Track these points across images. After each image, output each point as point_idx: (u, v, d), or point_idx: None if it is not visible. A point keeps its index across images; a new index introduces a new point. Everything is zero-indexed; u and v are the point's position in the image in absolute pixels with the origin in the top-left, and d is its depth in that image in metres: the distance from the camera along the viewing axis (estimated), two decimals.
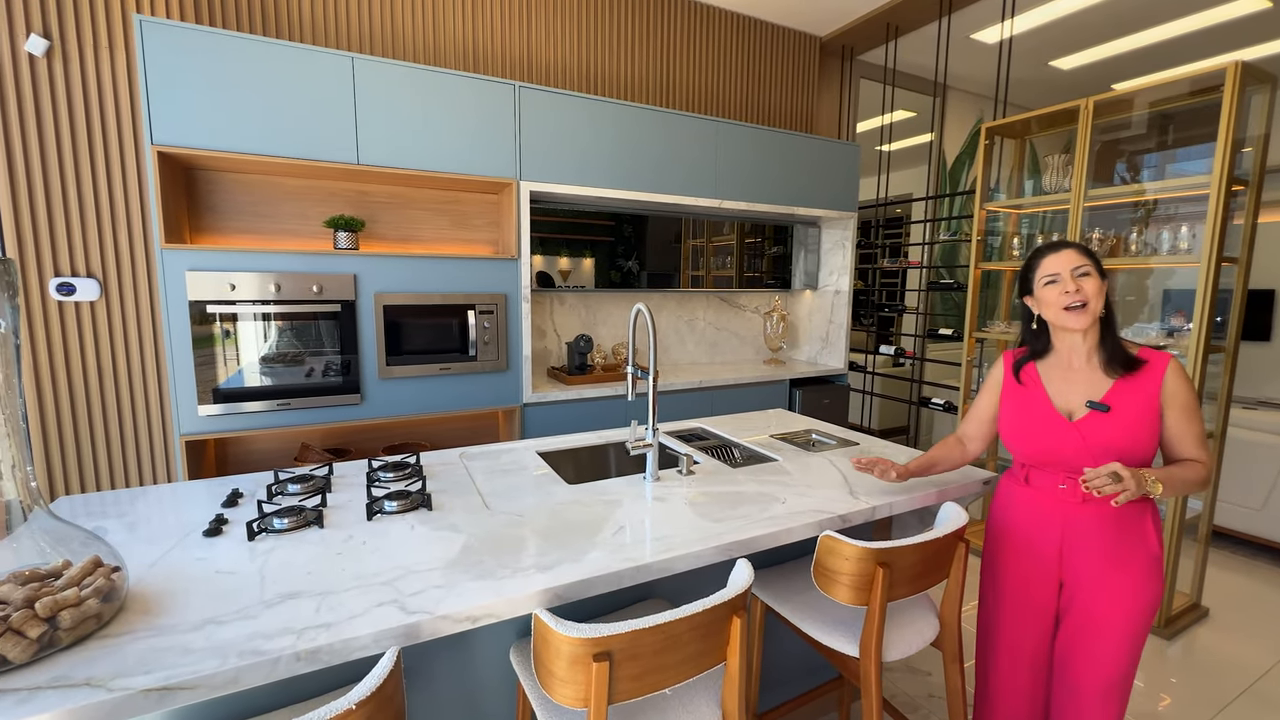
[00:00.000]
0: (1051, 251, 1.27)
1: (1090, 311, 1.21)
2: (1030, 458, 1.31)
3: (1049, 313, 1.27)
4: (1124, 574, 1.23)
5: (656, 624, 0.89)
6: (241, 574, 1.00)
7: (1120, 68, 4.14)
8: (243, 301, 2.04)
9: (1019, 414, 1.33)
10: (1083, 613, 1.27)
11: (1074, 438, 1.23)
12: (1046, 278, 1.26)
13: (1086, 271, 1.22)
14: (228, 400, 2.05)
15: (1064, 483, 1.27)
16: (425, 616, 0.88)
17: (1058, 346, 1.31)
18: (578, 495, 1.40)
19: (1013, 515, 1.37)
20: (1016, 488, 1.37)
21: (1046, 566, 1.31)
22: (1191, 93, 2.40)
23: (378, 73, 2.15)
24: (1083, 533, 1.26)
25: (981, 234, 2.90)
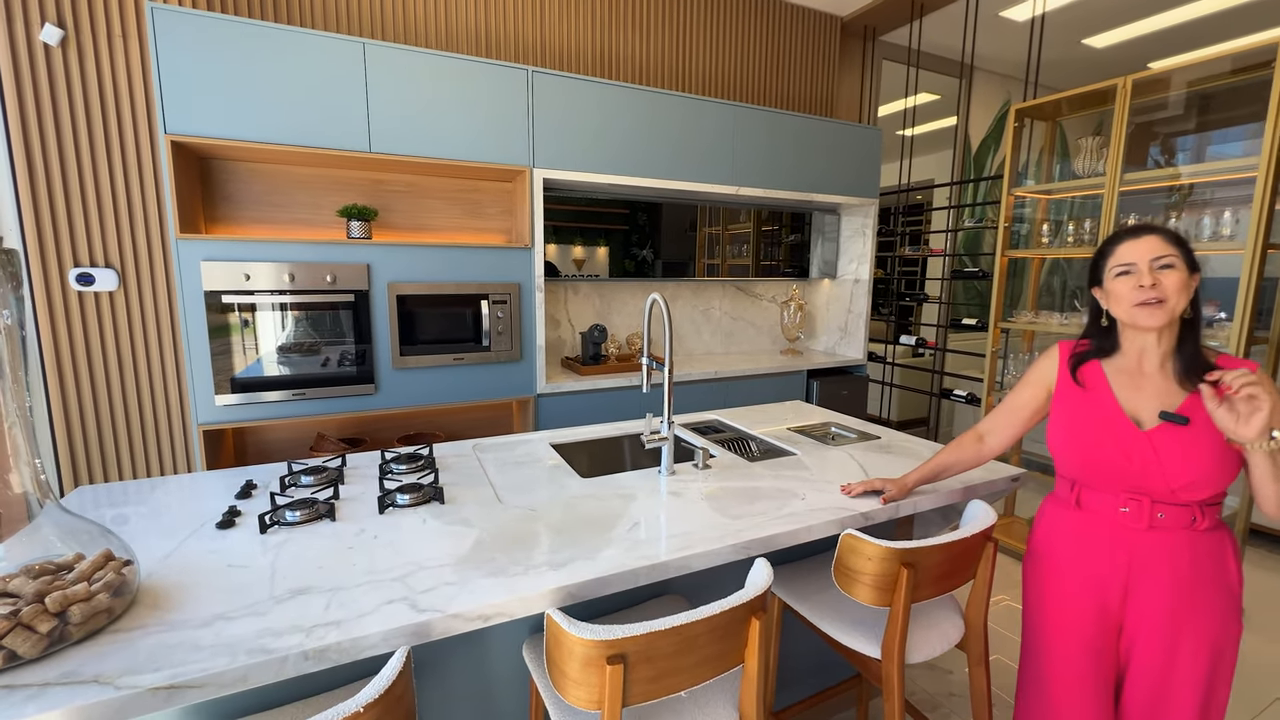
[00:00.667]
0: (1129, 237, 1.08)
1: (1168, 310, 1.03)
2: (1086, 472, 1.13)
3: (1119, 309, 1.09)
4: (1201, 618, 1.05)
5: (673, 626, 0.86)
6: (253, 568, 0.99)
7: (1157, 45, 3.96)
8: (257, 292, 2.04)
9: (1076, 418, 1.15)
10: (1155, 664, 1.07)
11: (1144, 449, 1.05)
12: (1119, 267, 1.08)
13: (1170, 263, 1.03)
14: (244, 390, 2.06)
15: (1127, 505, 1.08)
16: (436, 615, 0.87)
17: (1126, 348, 1.13)
18: (591, 489, 1.38)
19: (1060, 546, 1.18)
20: (1065, 512, 1.18)
21: (1107, 608, 1.11)
22: (1235, 70, 2.28)
23: (389, 59, 2.12)
24: (1152, 566, 1.07)
25: (1009, 220, 2.80)
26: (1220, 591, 1.06)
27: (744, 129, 2.89)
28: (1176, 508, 1.05)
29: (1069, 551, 1.17)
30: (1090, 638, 1.13)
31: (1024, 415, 1.27)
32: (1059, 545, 1.19)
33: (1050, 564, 1.20)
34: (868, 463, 1.59)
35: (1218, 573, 1.06)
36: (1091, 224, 2.55)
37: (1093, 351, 1.18)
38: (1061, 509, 1.20)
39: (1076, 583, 1.15)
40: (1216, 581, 1.06)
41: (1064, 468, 1.18)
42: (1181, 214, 2.44)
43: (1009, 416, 1.29)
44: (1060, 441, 1.17)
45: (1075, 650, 1.15)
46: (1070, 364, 1.20)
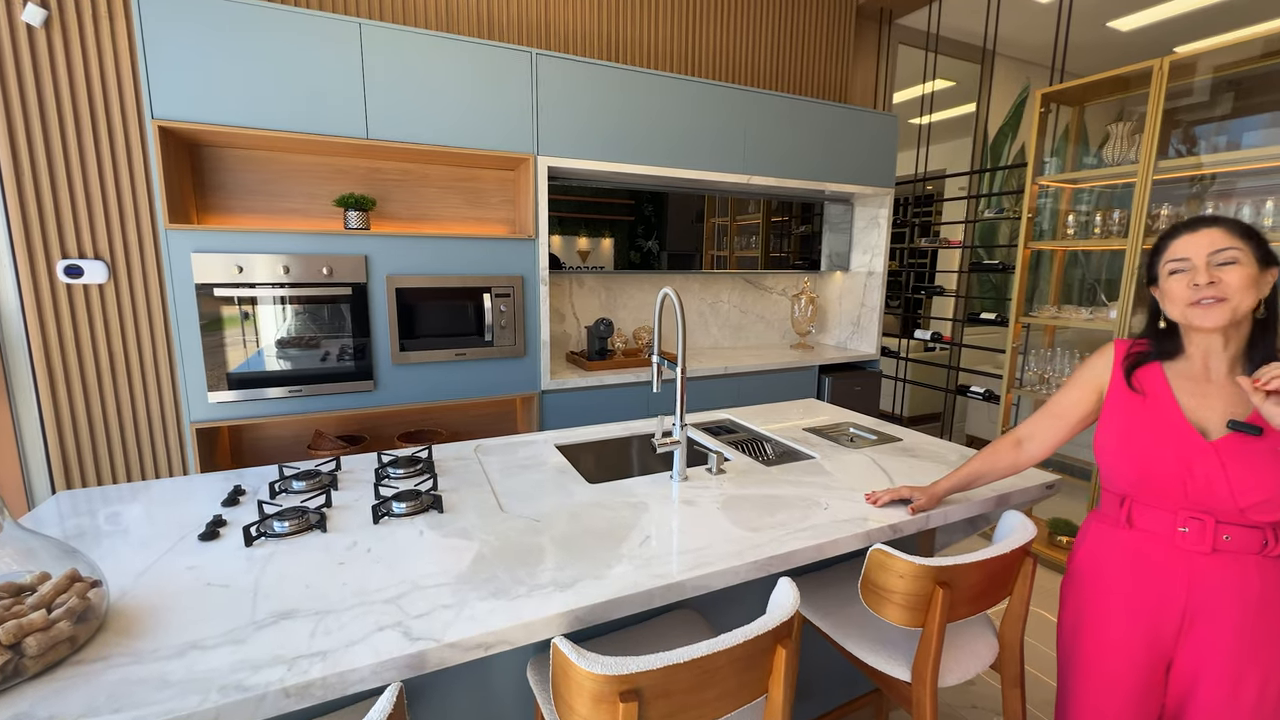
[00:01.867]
0: (1187, 231, 0.98)
1: (1230, 309, 0.93)
2: (1140, 487, 1.02)
3: (1174, 309, 0.99)
4: (1271, 653, 0.94)
5: (693, 658, 0.78)
6: (234, 587, 0.92)
7: (1186, 28, 3.81)
8: (251, 284, 1.96)
9: (1132, 426, 1.04)
10: (1209, 709, 0.98)
11: (1209, 462, 0.95)
12: (1174, 263, 0.98)
13: (1233, 259, 0.92)
14: (239, 387, 1.99)
15: (1187, 525, 0.98)
16: (431, 644, 0.79)
17: (1190, 351, 1.02)
18: (599, 496, 1.30)
19: (1107, 569, 1.08)
20: (1113, 532, 1.08)
21: (1157, 640, 1.02)
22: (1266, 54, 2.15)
23: (386, 40, 2.02)
24: (1216, 596, 0.96)
25: (1033, 210, 2.69)
26: None
27: (756, 115, 2.78)
28: (1245, 529, 0.95)
29: (1117, 576, 1.07)
30: (1137, 674, 1.04)
31: (1070, 420, 1.16)
32: (1105, 568, 1.09)
33: (1094, 589, 1.10)
34: (891, 467, 1.50)
35: None
36: (1121, 214, 2.44)
37: (1152, 354, 1.07)
38: (1109, 528, 1.10)
39: (1125, 611, 1.05)
40: None
41: (1115, 481, 1.08)
42: (1218, 204, 2.33)
43: (1053, 421, 1.18)
44: (1112, 451, 1.06)
45: (1112, 683, 1.05)
46: (1126, 365, 1.09)
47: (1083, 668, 1.11)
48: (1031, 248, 2.71)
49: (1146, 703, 1.04)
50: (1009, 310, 2.84)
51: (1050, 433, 1.19)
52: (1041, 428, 1.20)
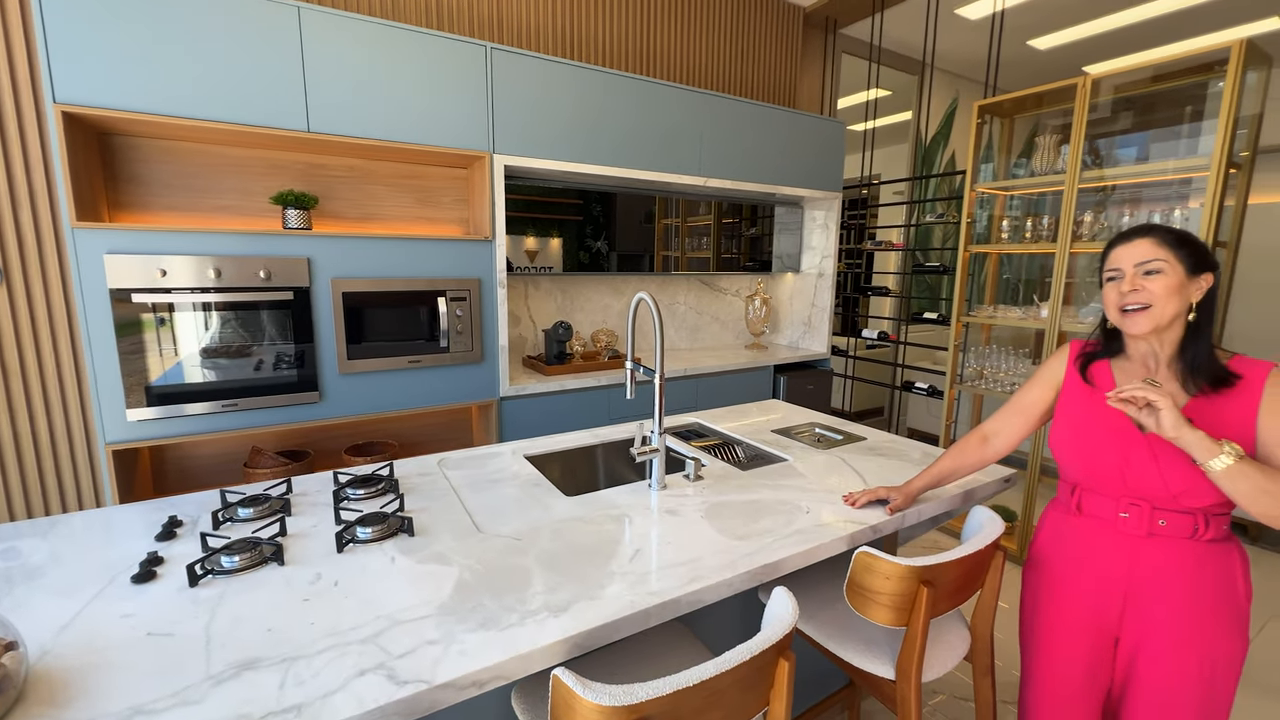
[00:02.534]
0: (1122, 242, 1.06)
1: (1154, 316, 1.00)
2: (1087, 475, 1.10)
3: (1109, 314, 1.08)
4: (1205, 629, 1.01)
5: (701, 680, 0.75)
6: (181, 636, 0.81)
7: (1094, 49, 4.14)
8: (176, 289, 1.77)
9: (1080, 419, 1.12)
10: (1152, 680, 1.05)
11: (1143, 453, 1.02)
12: (1110, 271, 1.06)
13: (1158, 269, 1.00)
14: (163, 403, 1.80)
15: (1127, 510, 1.06)
16: (421, 687, 0.72)
17: (1130, 350, 1.11)
18: (579, 510, 1.25)
19: (1061, 552, 1.16)
20: (1067, 518, 1.16)
21: (1103, 618, 1.09)
22: (1179, 72, 2.37)
23: (328, 26, 1.88)
24: (1153, 574, 1.04)
25: (971, 216, 2.84)
26: (1225, 606, 1.02)
27: (713, 118, 2.80)
28: (1178, 515, 1.02)
29: (1068, 559, 1.15)
30: (1084, 649, 1.11)
31: (1033, 416, 1.23)
32: (1059, 552, 1.17)
33: (1049, 572, 1.18)
34: (861, 467, 1.54)
35: (1222, 587, 1.02)
36: (1050, 220, 2.61)
37: (1102, 351, 1.15)
38: (1062, 515, 1.18)
39: (1075, 591, 1.13)
40: (1221, 596, 1.02)
41: (1067, 471, 1.15)
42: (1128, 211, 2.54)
43: (1017, 417, 1.25)
44: (1063, 442, 1.14)
45: (1069, 663, 1.13)
46: (1079, 363, 1.17)
47: (1040, 645, 1.18)
48: (970, 251, 2.86)
49: (1097, 676, 1.12)
50: (949, 309, 2.99)
51: (1014, 428, 1.26)
52: (1006, 424, 1.27)
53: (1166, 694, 1.03)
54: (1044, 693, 1.17)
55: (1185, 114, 2.52)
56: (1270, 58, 2.14)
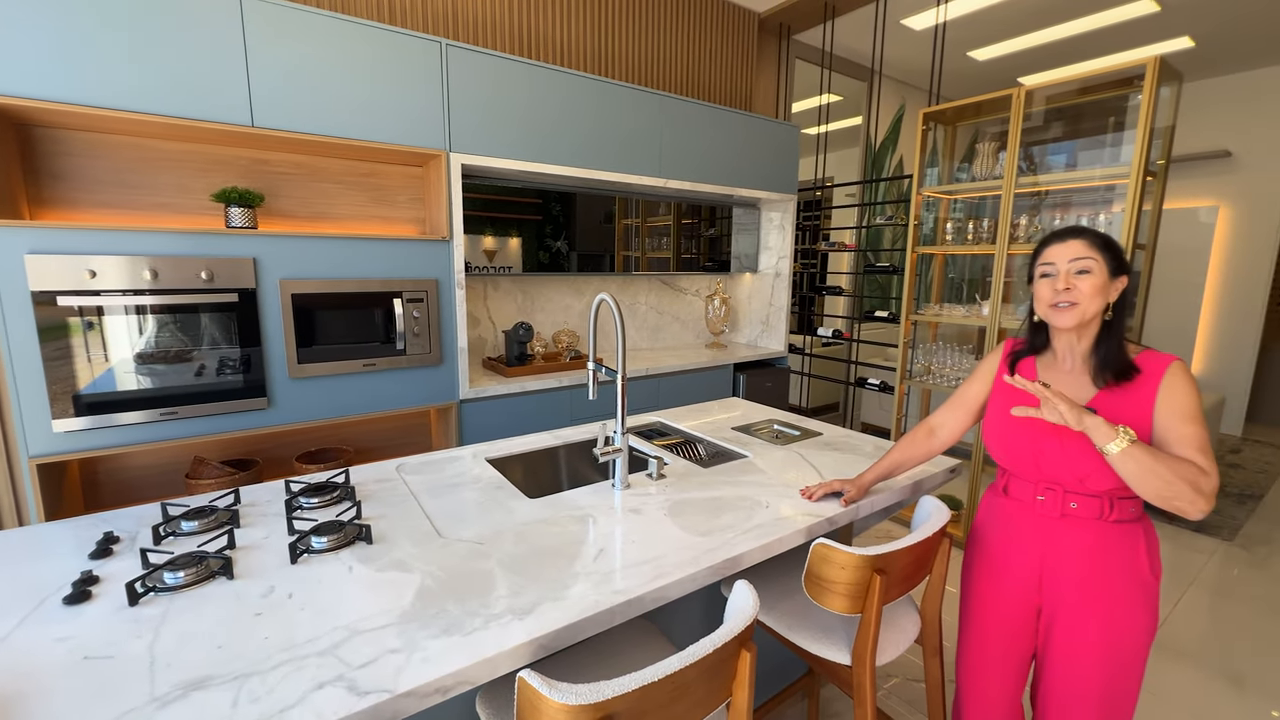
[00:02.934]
0: (1056, 240, 1.12)
1: (1080, 313, 1.08)
2: (1010, 462, 1.20)
3: (1039, 308, 1.15)
4: (1108, 600, 1.09)
5: (666, 675, 0.76)
6: (122, 658, 0.77)
7: (1028, 62, 4.39)
8: (107, 292, 1.67)
9: (1006, 413, 1.19)
10: (1063, 646, 1.14)
11: (1054, 441, 1.11)
12: (1043, 267, 1.13)
13: (1087, 268, 1.07)
14: (93, 412, 1.69)
15: (1043, 494, 1.15)
16: (384, 696, 0.71)
17: (1055, 345, 1.18)
18: (542, 511, 1.25)
19: (992, 532, 1.25)
20: (997, 500, 1.25)
21: (1024, 590, 1.19)
22: (1105, 85, 2.54)
23: (273, 17, 1.80)
24: (1063, 550, 1.13)
25: (918, 218, 2.97)
26: (1129, 582, 1.09)
27: (671, 120, 2.83)
28: (1088, 498, 1.11)
29: (998, 537, 1.24)
30: (1006, 618, 1.22)
31: (974, 409, 1.32)
32: (991, 531, 1.27)
33: (982, 549, 1.28)
34: (818, 462, 1.59)
35: (1126, 564, 1.09)
36: (989, 223, 2.76)
37: (1028, 349, 1.23)
38: (994, 497, 1.28)
39: (1002, 566, 1.23)
40: (1125, 572, 1.09)
41: (996, 458, 1.24)
42: (1058, 215, 2.70)
43: (960, 410, 1.33)
44: (991, 433, 1.23)
45: (993, 629, 1.24)
46: (1009, 360, 1.25)
47: (972, 614, 1.29)
48: (918, 252, 2.99)
49: (1020, 643, 1.23)
50: (899, 308, 3.12)
51: (957, 421, 1.34)
52: (950, 417, 1.35)
53: (1073, 659, 1.13)
54: (974, 656, 1.28)
55: (1109, 124, 2.71)
56: (1181, 74, 2.32)
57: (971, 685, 1.30)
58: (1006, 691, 1.26)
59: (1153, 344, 1.14)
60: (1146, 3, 3.42)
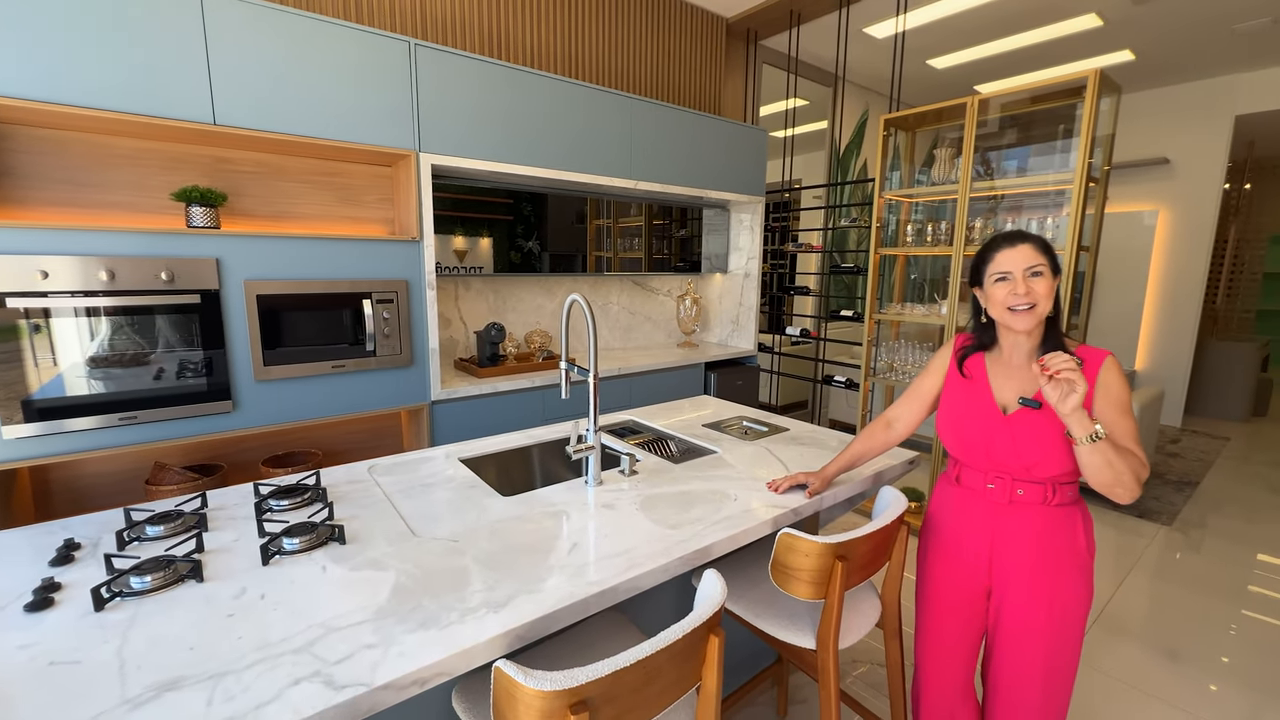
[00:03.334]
0: (1007, 245, 1.17)
1: (1037, 315, 1.14)
2: (963, 453, 1.26)
3: (994, 310, 1.19)
4: (1053, 579, 1.18)
5: (637, 660, 0.80)
6: (90, 663, 0.77)
7: (985, 70, 4.57)
8: (60, 293, 1.62)
9: (959, 406, 1.27)
10: (1012, 623, 1.21)
11: (1004, 433, 1.18)
12: (998, 274, 1.17)
13: (1040, 271, 1.13)
14: (47, 417, 1.63)
15: (993, 482, 1.22)
16: (360, 690, 0.72)
17: (1002, 342, 1.25)
18: (517, 509, 1.27)
19: (945, 519, 1.32)
20: (949, 489, 1.32)
21: (975, 573, 1.26)
22: (1040, 96, 2.67)
23: (234, 14, 1.77)
24: (1011, 534, 1.20)
25: (880, 221, 3.07)
26: (1069, 559, 1.18)
27: (641, 123, 2.86)
28: (1033, 485, 1.19)
29: (950, 524, 1.31)
30: (960, 599, 1.29)
31: (928, 401, 1.37)
32: (944, 518, 1.33)
33: (936, 535, 1.34)
34: (784, 456, 1.65)
35: (1067, 544, 1.18)
36: (947, 225, 2.87)
37: (975, 345, 1.30)
38: (946, 485, 1.34)
39: (954, 550, 1.29)
40: (1066, 551, 1.18)
41: (949, 449, 1.30)
42: (1010, 219, 2.84)
43: (914, 403, 1.39)
44: (945, 426, 1.30)
45: (948, 611, 1.30)
46: (959, 356, 1.32)
47: (928, 597, 1.36)
48: (881, 253, 3.10)
49: (973, 623, 1.30)
50: (863, 308, 3.22)
51: (912, 413, 1.40)
52: (906, 410, 1.41)
53: (1023, 633, 1.21)
54: (932, 637, 1.35)
55: (1059, 131, 2.85)
56: (1119, 86, 2.46)
57: (929, 665, 1.37)
58: (961, 669, 1.33)
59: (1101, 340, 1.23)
60: (1090, 18, 3.61)
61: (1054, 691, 1.21)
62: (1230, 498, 3.59)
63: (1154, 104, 4.99)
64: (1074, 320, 2.58)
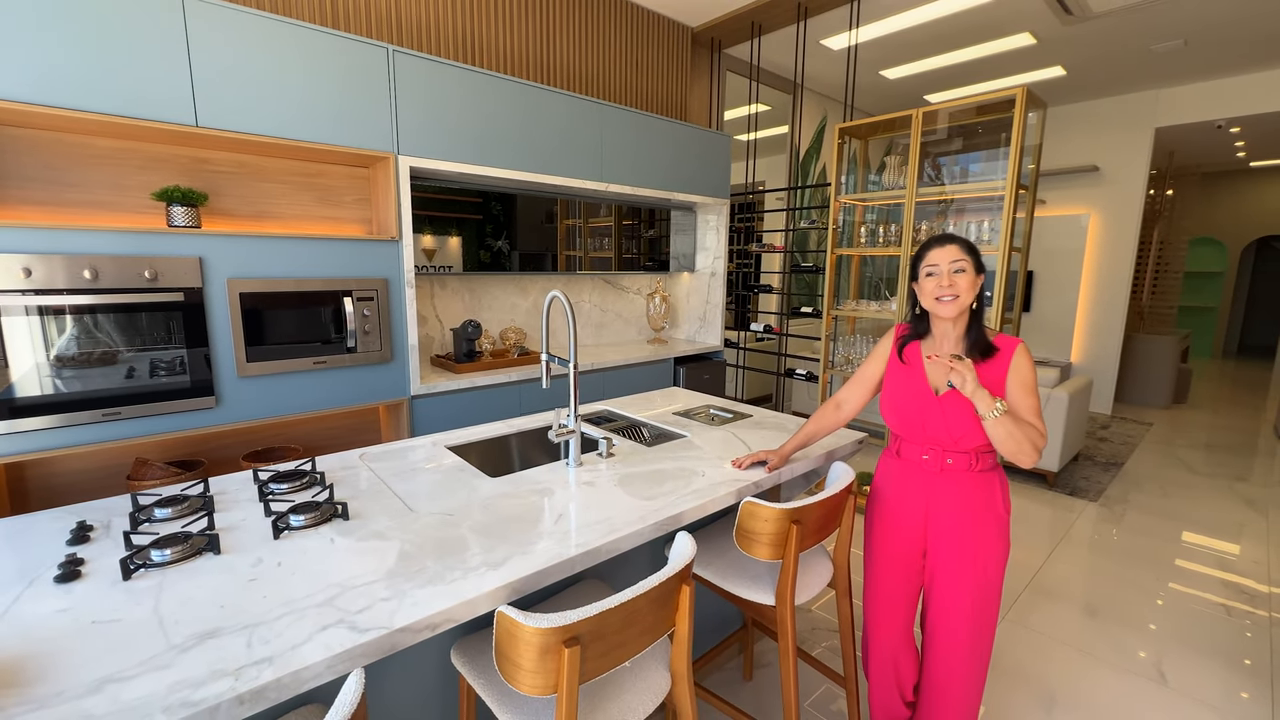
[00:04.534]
0: (937, 245, 1.35)
1: (960, 304, 1.31)
2: (903, 430, 1.42)
3: (925, 300, 1.37)
4: (978, 534, 1.35)
5: (620, 603, 0.93)
6: (129, 620, 0.85)
7: (933, 81, 4.86)
8: (44, 291, 1.65)
9: (899, 388, 1.43)
10: (945, 575, 1.39)
11: (936, 410, 1.35)
12: (928, 268, 1.35)
13: (962, 268, 1.31)
14: (28, 414, 1.66)
15: (927, 454, 1.39)
16: (381, 632, 0.84)
17: (934, 331, 1.41)
18: (504, 488, 1.38)
19: (887, 488, 1.48)
20: (891, 461, 1.49)
21: (913, 534, 1.43)
22: (983, 107, 2.92)
23: (218, 18, 1.82)
24: (942, 499, 1.38)
25: (836, 223, 3.28)
26: (990, 518, 1.37)
27: (611, 127, 2.99)
28: (960, 454, 1.37)
29: (892, 492, 1.48)
30: (899, 556, 1.47)
31: (871, 385, 1.54)
32: (886, 488, 1.50)
33: (880, 502, 1.52)
34: (747, 439, 1.80)
35: (988, 503, 1.37)
36: (896, 227, 3.10)
37: (912, 334, 1.48)
38: (889, 458, 1.51)
39: (895, 516, 1.47)
40: (987, 510, 1.37)
41: (890, 426, 1.48)
42: (958, 220, 3.08)
43: (860, 387, 1.55)
44: (887, 406, 1.48)
45: (889, 568, 1.48)
46: (898, 344, 1.49)
47: (874, 559, 1.53)
48: (837, 253, 3.30)
49: (911, 579, 1.48)
50: (821, 304, 3.43)
51: (859, 396, 1.57)
52: (853, 393, 1.58)
53: (954, 582, 1.39)
54: (880, 593, 1.53)
55: (999, 140, 3.11)
56: (1045, 102, 2.71)
57: (876, 618, 1.54)
58: (903, 619, 1.52)
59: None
60: (1025, 36, 3.91)
61: (980, 633, 1.41)
62: (1150, 477, 3.95)
63: (1083, 115, 5.39)
64: (1008, 315, 2.83)
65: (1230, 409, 5.93)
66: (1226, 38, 3.91)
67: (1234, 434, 5.04)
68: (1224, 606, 2.42)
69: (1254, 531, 3.14)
